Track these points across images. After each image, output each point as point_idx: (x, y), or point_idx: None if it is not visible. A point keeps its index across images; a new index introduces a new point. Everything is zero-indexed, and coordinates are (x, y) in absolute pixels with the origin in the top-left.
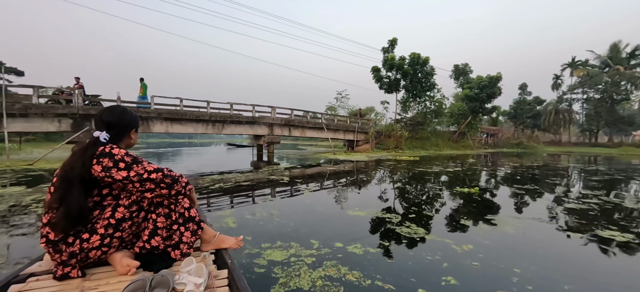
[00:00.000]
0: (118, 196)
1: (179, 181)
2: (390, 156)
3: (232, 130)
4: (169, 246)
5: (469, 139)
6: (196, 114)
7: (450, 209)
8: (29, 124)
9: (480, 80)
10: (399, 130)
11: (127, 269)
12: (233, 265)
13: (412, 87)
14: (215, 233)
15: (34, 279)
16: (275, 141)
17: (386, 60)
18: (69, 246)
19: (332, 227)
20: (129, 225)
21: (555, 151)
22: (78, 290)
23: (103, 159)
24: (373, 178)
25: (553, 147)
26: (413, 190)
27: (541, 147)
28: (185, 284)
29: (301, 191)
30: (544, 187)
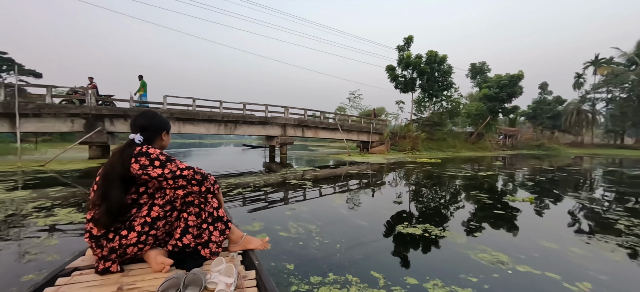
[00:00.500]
0: (153, 195)
1: (208, 178)
2: (409, 157)
3: (245, 131)
4: (199, 244)
5: (486, 141)
6: (209, 114)
7: (522, 225)
8: (42, 124)
9: (499, 79)
10: (415, 131)
11: (162, 266)
12: (260, 266)
13: (429, 87)
14: (242, 234)
15: (78, 273)
16: (288, 142)
17: (401, 58)
18: (110, 242)
19: (389, 251)
20: (163, 224)
21: (580, 152)
22: (117, 285)
23: (140, 158)
24: (402, 183)
25: (576, 149)
26: (457, 199)
27: (564, 149)
28: (216, 283)
29: (331, 198)
30: (606, 195)
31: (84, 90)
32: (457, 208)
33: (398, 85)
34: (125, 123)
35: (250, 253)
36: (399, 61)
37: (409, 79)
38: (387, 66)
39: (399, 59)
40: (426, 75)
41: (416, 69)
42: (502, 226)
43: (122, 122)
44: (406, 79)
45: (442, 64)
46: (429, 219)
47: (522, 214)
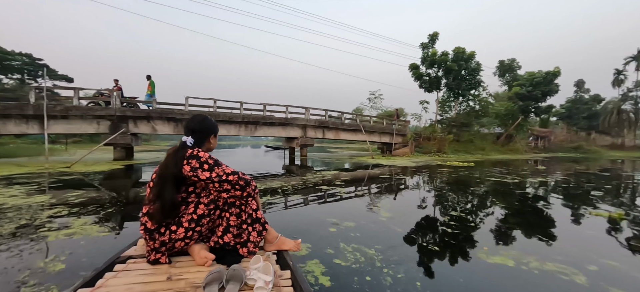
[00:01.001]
0: (199, 194)
1: (250, 184)
2: (438, 160)
3: (265, 132)
4: (238, 243)
5: (517, 142)
6: (229, 116)
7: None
8: (70, 126)
9: (533, 76)
10: (441, 133)
11: (205, 260)
12: (295, 266)
13: (456, 86)
14: (277, 235)
15: (132, 261)
16: (309, 144)
17: (425, 56)
18: (161, 235)
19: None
20: (207, 221)
21: (622, 155)
22: (167, 275)
23: (191, 160)
24: (446, 190)
25: (617, 152)
26: (526, 212)
27: (604, 152)
28: (255, 280)
29: (374, 210)
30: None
31: (110, 92)
32: (533, 225)
33: (423, 84)
34: (147, 124)
35: (284, 253)
36: (423, 59)
37: (433, 77)
38: (410, 65)
39: (423, 56)
40: (453, 74)
41: (442, 66)
42: (623, 255)
43: (145, 123)
44: (431, 77)
45: (469, 62)
46: (511, 241)
47: (624, 236)
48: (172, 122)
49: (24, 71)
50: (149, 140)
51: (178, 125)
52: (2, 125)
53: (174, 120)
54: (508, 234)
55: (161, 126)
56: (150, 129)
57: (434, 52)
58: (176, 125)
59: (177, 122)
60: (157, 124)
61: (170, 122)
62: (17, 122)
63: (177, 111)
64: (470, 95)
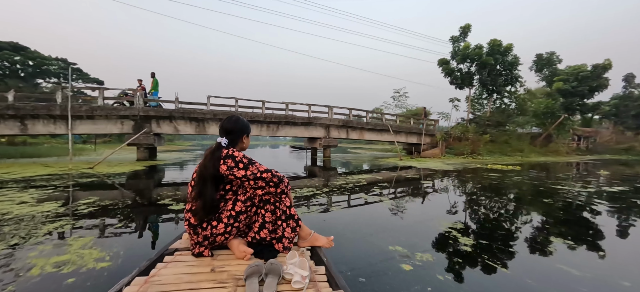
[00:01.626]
0: (236, 192)
1: (283, 181)
2: (476, 162)
3: (287, 132)
4: (273, 238)
5: (557, 143)
6: (251, 115)
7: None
8: (95, 126)
9: (577, 70)
10: (475, 132)
11: (244, 254)
12: (329, 263)
13: (492, 81)
14: (310, 231)
15: (179, 253)
16: (332, 144)
17: (456, 50)
18: (203, 230)
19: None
20: (245, 217)
21: None
22: (210, 267)
23: (227, 160)
24: (509, 199)
25: None
26: (625, 230)
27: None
28: (292, 275)
29: (446, 232)
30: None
31: (133, 92)
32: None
33: (454, 81)
34: (170, 125)
35: (318, 250)
36: (453, 53)
37: (466, 73)
38: (439, 60)
39: (454, 51)
40: (488, 68)
41: (476, 61)
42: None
43: (168, 123)
44: (462, 73)
45: (506, 55)
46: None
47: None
48: (194, 122)
49: (59, 75)
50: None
51: (200, 125)
52: (31, 125)
53: (196, 120)
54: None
55: (183, 126)
56: (173, 129)
57: (466, 46)
58: (198, 125)
59: (199, 122)
60: (179, 124)
61: (192, 122)
62: (45, 123)
63: (199, 111)
64: (505, 92)
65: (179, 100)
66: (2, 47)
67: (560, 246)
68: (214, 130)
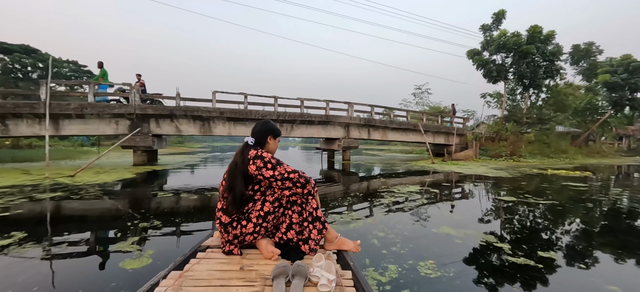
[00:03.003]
0: (265, 193)
1: (310, 181)
2: (523, 166)
3: (302, 132)
4: (300, 239)
5: (599, 143)
6: (262, 113)
7: None
8: (86, 126)
9: (627, 60)
10: (513, 131)
11: (272, 254)
12: (356, 267)
13: (532, 74)
14: (337, 234)
15: (211, 251)
16: (353, 146)
17: (489, 40)
18: (234, 229)
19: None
20: (272, 218)
21: None
22: (240, 265)
23: (257, 160)
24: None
25: None
26: None
27: None
28: (318, 278)
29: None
30: None
31: (131, 88)
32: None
33: (488, 74)
34: (171, 124)
35: (345, 254)
36: (485, 43)
37: (501, 64)
38: (468, 51)
39: (486, 40)
40: (529, 59)
41: (515, 50)
42: None
43: (168, 123)
44: (497, 65)
45: (547, 44)
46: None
47: None
48: (198, 121)
49: (71, 77)
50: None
51: (205, 124)
52: (14, 126)
53: (200, 119)
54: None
55: (186, 126)
56: (174, 129)
57: (502, 33)
58: (203, 124)
59: (204, 121)
60: (181, 123)
61: (196, 121)
62: (30, 123)
63: (203, 109)
64: (544, 85)
65: (180, 96)
66: (14, 50)
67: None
68: (220, 131)
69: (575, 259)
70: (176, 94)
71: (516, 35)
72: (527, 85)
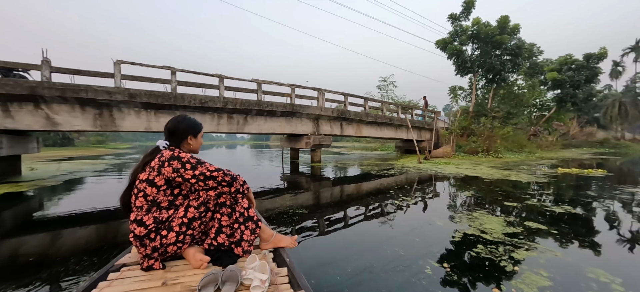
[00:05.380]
0: (187, 196)
1: (237, 179)
2: (517, 164)
3: (260, 127)
4: (232, 242)
5: (545, 137)
6: (200, 100)
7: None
8: None
9: (569, 60)
10: (490, 126)
11: (200, 263)
12: (292, 263)
13: (501, 66)
14: (273, 232)
15: (126, 269)
16: (325, 143)
17: (458, 30)
18: (152, 241)
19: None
20: (199, 224)
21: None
22: (162, 280)
23: (173, 162)
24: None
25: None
26: None
27: (635, 146)
28: (251, 280)
29: None
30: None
31: None
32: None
33: (463, 64)
34: (35, 112)
35: (281, 251)
36: (454, 33)
37: (475, 56)
38: (438, 41)
39: (455, 30)
40: (500, 51)
41: (489, 41)
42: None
43: (32, 110)
44: (470, 56)
45: (513, 36)
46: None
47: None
48: (91, 108)
49: None
50: (103, 140)
51: (103, 114)
52: None
53: (95, 105)
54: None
55: (67, 116)
56: (43, 120)
57: (476, 21)
58: (99, 114)
59: (101, 109)
60: (57, 111)
61: (87, 107)
62: None
63: (101, 89)
64: (510, 80)
65: (51, 64)
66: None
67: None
68: (132, 124)
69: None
70: (42, 60)
71: (485, 25)
72: (491, 79)
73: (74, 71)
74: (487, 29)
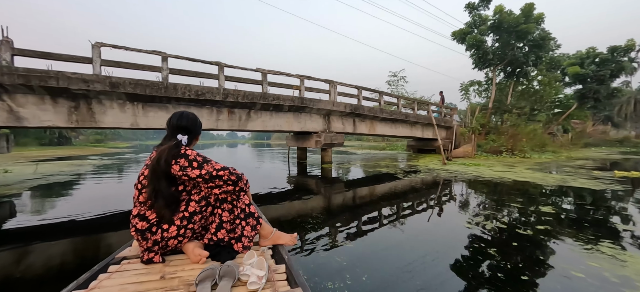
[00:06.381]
0: (190, 191)
1: (242, 178)
2: (562, 165)
3: (265, 123)
4: (232, 238)
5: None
6: (196, 91)
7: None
8: None
9: (592, 53)
10: (512, 123)
11: (199, 257)
12: (290, 260)
13: (525, 58)
14: (272, 229)
15: (127, 262)
16: (337, 142)
17: (477, 20)
18: (153, 235)
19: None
20: (199, 218)
21: None
22: (160, 274)
23: (180, 160)
24: None
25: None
26: None
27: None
28: (248, 276)
29: None
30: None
31: None
32: None
33: (484, 56)
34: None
35: (280, 248)
36: (472, 24)
37: (496, 46)
38: (454, 32)
39: (473, 20)
40: (525, 42)
41: (514, 31)
42: None
43: None
44: (489, 48)
45: (538, 26)
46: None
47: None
48: (65, 100)
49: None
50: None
51: (80, 106)
52: None
53: (70, 97)
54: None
55: (34, 109)
56: (5, 114)
57: (499, 8)
58: (75, 106)
59: (77, 100)
60: (20, 102)
61: (59, 99)
62: None
63: (77, 76)
64: (531, 75)
65: (12, 45)
66: None
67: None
68: (114, 119)
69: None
70: (1, 40)
71: (511, 13)
72: (510, 73)
73: (43, 54)
74: (510, 18)
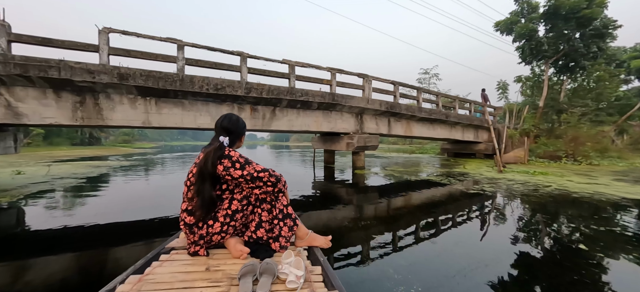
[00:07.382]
0: (233, 190)
1: (281, 180)
2: (634, 173)
3: (291, 123)
4: (270, 237)
5: (621, 140)
6: (216, 84)
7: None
8: None
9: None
10: (573, 125)
11: (240, 253)
12: (326, 263)
13: (585, 50)
14: (308, 231)
15: (175, 252)
16: (371, 145)
17: (524, 9)
18: (199, 230)
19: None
20: (241, 216)
21: None
22: (205, 266)
23: (224, 160)
24: None
25: None
26: None
27: None
28: (286, 274)
29: None
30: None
31: None
32: None
33: (537, 47)
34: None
35: (315, 250)
36: (520, 12)
37: (551, 36)
38: (498, 22)
39: (521, 8)
40: (585, 30)
41: (573, 17)
42: None
43: None
44: (543, 39)
45: (599, 12)
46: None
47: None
48: (69, 94)
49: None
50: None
51: (86, 101)
52: None
53: (74, 90)
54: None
55: (35, 104)
56: (2, 110)
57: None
58: (80, 101)
59: (83, 95)
60: (19, 96)
61: (63, 92)
62: None
63: (81, 66)
64: (589, 67)
65: (9, 30)
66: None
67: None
68: (125, 115)
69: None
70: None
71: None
72: (563, 67)
73: (43, 40)
74: (570, 2)
